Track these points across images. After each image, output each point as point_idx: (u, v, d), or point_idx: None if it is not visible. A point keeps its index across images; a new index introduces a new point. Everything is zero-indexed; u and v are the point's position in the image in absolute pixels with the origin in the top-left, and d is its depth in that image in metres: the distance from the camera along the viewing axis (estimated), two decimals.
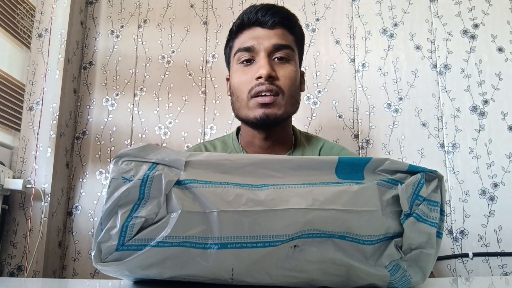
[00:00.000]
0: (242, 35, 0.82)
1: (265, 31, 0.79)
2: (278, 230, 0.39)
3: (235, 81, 0.81)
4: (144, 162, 0.40)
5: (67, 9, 1.37)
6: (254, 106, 0.77)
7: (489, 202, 1.26)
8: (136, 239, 0.38)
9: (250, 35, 0.80)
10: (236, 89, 0.80)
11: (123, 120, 1.40)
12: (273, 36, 0.79)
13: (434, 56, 1.39)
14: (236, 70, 0.81)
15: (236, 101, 0.81)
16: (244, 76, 0.79)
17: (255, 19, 0.80)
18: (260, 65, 0.77)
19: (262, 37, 0.79)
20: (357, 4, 1.45)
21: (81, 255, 1.30)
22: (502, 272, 1.21)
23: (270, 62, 0.78)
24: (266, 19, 0.79)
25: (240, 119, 0.83)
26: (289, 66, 0.79)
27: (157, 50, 1.45)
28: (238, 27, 0.83)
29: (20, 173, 1.26)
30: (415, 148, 1.32)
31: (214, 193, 0.39)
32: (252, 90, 0.77)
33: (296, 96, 0.81)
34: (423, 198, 0.41)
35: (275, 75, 0.77)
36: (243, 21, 0.81)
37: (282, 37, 0.80)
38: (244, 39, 0.81)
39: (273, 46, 0.78)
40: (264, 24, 0.79)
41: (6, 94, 1.24)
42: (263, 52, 0.78)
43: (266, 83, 0.75)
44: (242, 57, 0.80)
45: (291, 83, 0.78)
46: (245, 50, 0.79)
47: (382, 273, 0.41)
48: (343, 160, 0.42)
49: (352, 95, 1.38)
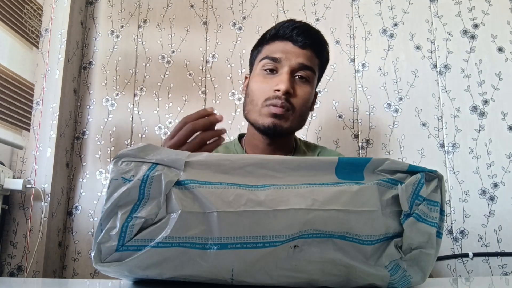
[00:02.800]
0: (273, 44, 0.85)
1: (295, 48, 0.82)
2: (278, 230, 0.39)
3: (254, 86, 0.84)
4: (144, 163, 0.40)
5: (67, 9, 1.37)
6: (266, 114, 0.80)
7: (489, 202, 1.26)
8: (136, 239, 0.38)
9: (280, 47, 0.83)
10: (253, 93, 0.83)
11: (123, 120, 1.40)
12: (301, 55, 0.82)
13: (434, 56, 1.39)
14: (258, 75, 0.84)
15: (250, 104, 0.84)
16: (264, 84, 0.82)
17: (290, 35, 0.83)
18: (281, 79, 0.80)
19: (291, 53, 0.82)
20: (357, 4, 1.45)
21: (81, 255, 1.30)
22: (502, 272, 1.21)
23: (291, 79, 0.81)
24: (299, 38, 0.82)
25: (248, 121, 0.86)
26: (307, 87, 0.83)
27: (157, 50, 1.45)
28: (272, 36, 0.86)
29: (20, 173, 1.26)
30: (415, 148, 1.32)
31: (214, 194, 0.39)
32: (268, 100, 0.80)
33: (304, 115, 0.86)
34: (423, 198, 0.41)
35: (292, 92, 0.80)
36: (279, 32, 0.84)
37: (309, 58, 0.83)
38: (274, 49, 0.84)
39: (299, 64, 0.82)
40: (296, 42, 0.83)
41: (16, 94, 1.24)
42: (287, 68, 0.81)
43: (282, 98, 0.79)
44: (267, 65, 0.83)
45: (304, 103, 0.83)
46: (272, 59, 0.82)
47: (382, 273, 0.41)
48: (343, 160, 0.42)
49: (352, 95, 1.38)
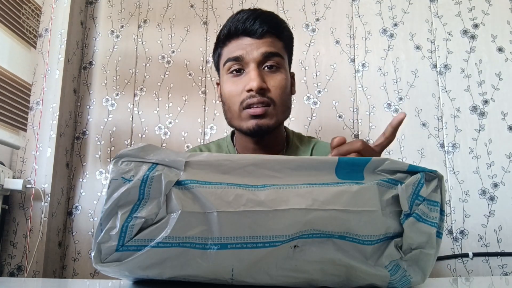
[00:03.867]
0: (230, 44, 0.80)
1: (253, 41, 0.78)
2: (278, 230, 0.39)
3: (226, 92, 0.80)
4: (144, 163, 0.40)
5: (67, 9, 1.37)
6: (246, 118, 0.77)
7: (489, 202, 1.26)
8: (136, 239, 0.38)
9: (239, 45, 0.78)
10: (227, 100, 0.80)
11: (123, 120, 1.40)
12: (262, 45, 0.77)
13: (434, 56, 1.39)
14: (227, 80, 0.80)
15: (228, 111, 0.80)
16: (235, 87, 0.78)
17: (243, 28, 0.78)
18: (250, 77, 0.76)
19: (250, 46, 0.77)
20: (357, 4, 1.45)
21: (81, 255, 1.30)
22: (502, 272, 1.21)
23: (260, 73, 0.77)
24: (254, 28, 0.77)
25: (233, 128, 0.83)
26: (279, 75, 0.79)
27: (157, 50, 1.45)
28: (225, 36, 0.81)
29: (20, 173, 1.26)
30: (415, 148, 1.32)
31: (214, 194, 0.39)
32: (243, 102, 0.76)
33: (287, 103, 0.81)
34: (423, 198, 0.41)
35: (266, 86, 0.76)
36: (231, 30, 0.79)
37: (271, 45, 0.78)
38: (232, 49, 0.79)
39: (262, 55, 0.77)
40: (252, 34, 0.78)
41: (13, 94, 1.24)
42: (252, 63, 0.77)
43: (257, 96, 0.75)
44: (232, 66, 0.79)
45: (282, 92, 0.78)
46: (234, 59, 0.78)
47: (382, 273, 0.41)
48: (343, 160, 0.42)
49: (352, 95, 1.38)
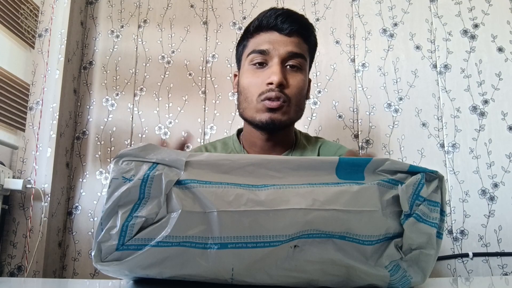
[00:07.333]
0: (258, 36, 0.82)
1: (281, 37, 0.79)
2: (278, 230, 0.39)
3: (245, 82, 0.81)
4: (144, 162, 0.40)
5: (67, 9, 1.37)
6: (262, 109, 0.78)
7: (489, 202, 1.26)
8: (136, 238, 0.38)
9: (267, 39, 0.80)
10: (245, 90, 0.81)
11: (123, 120, 1.40)
12: (289, 43, 0.79)
13: (434, 56, 1.39)
14: (248, 70, 0.82)
15: (244, 101, 0.81)
16: (256, 78, 0.79)
17: (274, 24, 0.80)
18: (272, 71, 0.77)
19: (278, 42, 0.79)
20: (357, 4, 1.45)
21: (81, 255, 1.30)
22: (502, 272, 1.21)
23: (283, 69, 0.78)
24: (284, 26, 0.79)
25: (245, 119, 0.83)
26: (299, 75, 0.80)
27: (157, 50, 1.45)
28: (255, 28, 0.82)
29: (20, 173, 1.26)
30: (415, 148, 1.32)
31: (214, 193, 0.39)
32: (262, 94, 0.77)
33: (301, 104, 0.82)
34: (424, 198, 0.41)
35: (285, 83, 0.78)
36: (262, 23, 0.81)
37: (297, 45, 0.80)
38: (260, 41, 0.81)
39: (288, 53, 0.79)
40: (281, 30, 0.79)
41: (11, 94, 1.24)
42: (277, 58, 0.78)
43: (276, 90, 0.76)
44: (256, 59, 0.80)
45: (299, 92, 0.80)
46: (259, 52, 0.79)
47: (382, 274, 0.41)
48: (343, 160, 0.42)
49: (352, 95, 1.38)
